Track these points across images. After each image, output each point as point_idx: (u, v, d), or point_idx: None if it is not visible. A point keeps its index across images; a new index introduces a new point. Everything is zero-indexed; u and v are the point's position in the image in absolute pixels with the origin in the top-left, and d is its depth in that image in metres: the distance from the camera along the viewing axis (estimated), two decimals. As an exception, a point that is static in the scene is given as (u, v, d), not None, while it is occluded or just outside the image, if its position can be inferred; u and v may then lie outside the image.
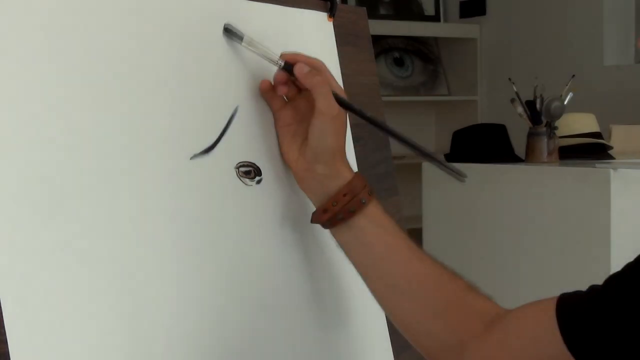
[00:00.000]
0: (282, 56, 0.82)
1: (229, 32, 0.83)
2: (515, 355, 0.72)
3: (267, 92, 0.85)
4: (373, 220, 0.80)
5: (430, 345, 0.78)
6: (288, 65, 0.82)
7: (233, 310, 0.78)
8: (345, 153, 0.83)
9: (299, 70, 0.81)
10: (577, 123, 2.36)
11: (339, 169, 0.81)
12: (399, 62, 3.94)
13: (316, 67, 0.82)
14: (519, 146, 2.42)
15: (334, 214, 0.80)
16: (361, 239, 0.80)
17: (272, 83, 0.85)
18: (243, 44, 0.83)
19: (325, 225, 0.82)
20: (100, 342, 0.65)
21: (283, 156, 0.86)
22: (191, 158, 0.77)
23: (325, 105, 0.80)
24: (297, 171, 0.84)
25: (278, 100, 0.86)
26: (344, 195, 0.79)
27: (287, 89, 0.85)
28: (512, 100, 2.28)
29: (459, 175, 0.83)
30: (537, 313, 0.72)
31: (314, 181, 0.82)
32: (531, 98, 2.25)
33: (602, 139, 2.38)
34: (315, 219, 0.82)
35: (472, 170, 2.30)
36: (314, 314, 0.88)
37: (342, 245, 0.82)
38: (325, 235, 0.92)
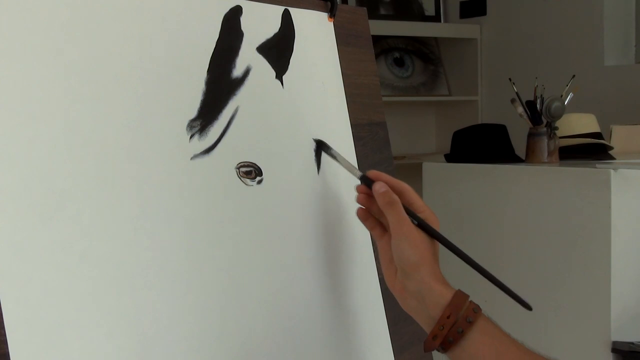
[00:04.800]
0: (368, 172, 0.85)
1: (322, 146, 0.92)
2: None
3: (366, 220, 0.87)
4: (482, 332, 0.79)
5: None
6: (368, 181, 0.85)
7: (233, 311, 0.78)
8: (434, 269, 0.81)
9: (376, 189, 0.83)
10: (578, 123, 2.36)
11: (429, 284, 0.80)
12: (399, 62, 3.94)
13: (396, 188, 0.84)
14: (519, 146, 2.41)
15: (444, 338, 0.78)
16: (470, 351, 0.79)
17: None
18: (330, 156, 0.91)
19: (439, 350, 0.80)
20: (100, 342, 0.65)
21: (387, 285, 0.86)
22: (191, 158, 0.77)
23: (394, 222, 0.81)
24: (397, 295, 0.84)
25: (377, 228, 0.87)
26: (448, 317, 0.78)
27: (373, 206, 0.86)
28: (512, 101, 2.27)
29: (526, 305, 0.81)
30: None
31: (412, 301, 0.82)
32: (531, 98, 2.24)
33: (603, 139, 2.37)
34: (427, 347, 0.80)
35: (472, 170, 2.30)
36: (314, 314, 0.88)
37: (452, 358, 0.81)
38: (324, 235, 0.91)
